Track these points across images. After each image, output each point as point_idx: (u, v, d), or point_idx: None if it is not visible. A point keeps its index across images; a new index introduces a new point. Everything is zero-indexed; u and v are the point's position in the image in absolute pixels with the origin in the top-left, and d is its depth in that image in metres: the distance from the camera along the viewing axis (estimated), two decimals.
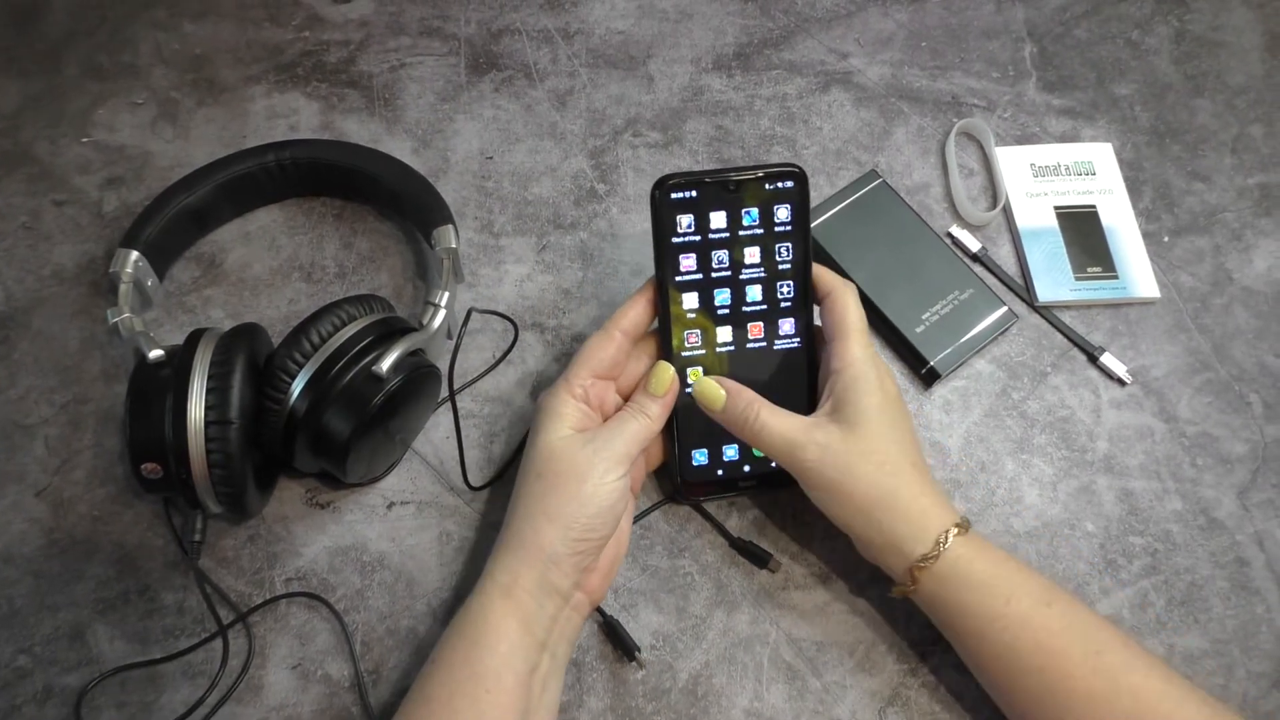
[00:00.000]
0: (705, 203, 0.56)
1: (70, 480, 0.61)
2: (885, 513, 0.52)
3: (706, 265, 0.56)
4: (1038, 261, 0.70)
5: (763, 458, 0.58)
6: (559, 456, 0.52)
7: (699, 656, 0.57)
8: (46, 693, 0.55)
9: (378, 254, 0.69)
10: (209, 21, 0.80)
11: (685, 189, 0.55)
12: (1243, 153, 0.77)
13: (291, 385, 0.54)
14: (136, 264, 0.62)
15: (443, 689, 0.48)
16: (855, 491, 0.52)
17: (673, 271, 0.56)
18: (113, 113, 0.75)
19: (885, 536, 0.52)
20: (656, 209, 0.55)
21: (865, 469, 0.52)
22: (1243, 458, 0.64)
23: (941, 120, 0.77)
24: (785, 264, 0.57)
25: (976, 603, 0.51)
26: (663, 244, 0.56)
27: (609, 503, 0.51)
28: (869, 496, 0.52)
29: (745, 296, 0.57)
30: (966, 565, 0.51)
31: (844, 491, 0.52)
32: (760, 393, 0.55)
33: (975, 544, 0.52)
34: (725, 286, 0.57)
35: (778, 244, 0.57)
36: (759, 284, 0.57)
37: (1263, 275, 0.71)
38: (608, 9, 0.82)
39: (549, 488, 0.51)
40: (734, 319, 0.57)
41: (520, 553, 0.50)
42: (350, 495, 0.61)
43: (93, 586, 0.58)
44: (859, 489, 0.52)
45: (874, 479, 0.52)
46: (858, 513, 0.52)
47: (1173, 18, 0.84)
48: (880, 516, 0.52)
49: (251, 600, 0.58)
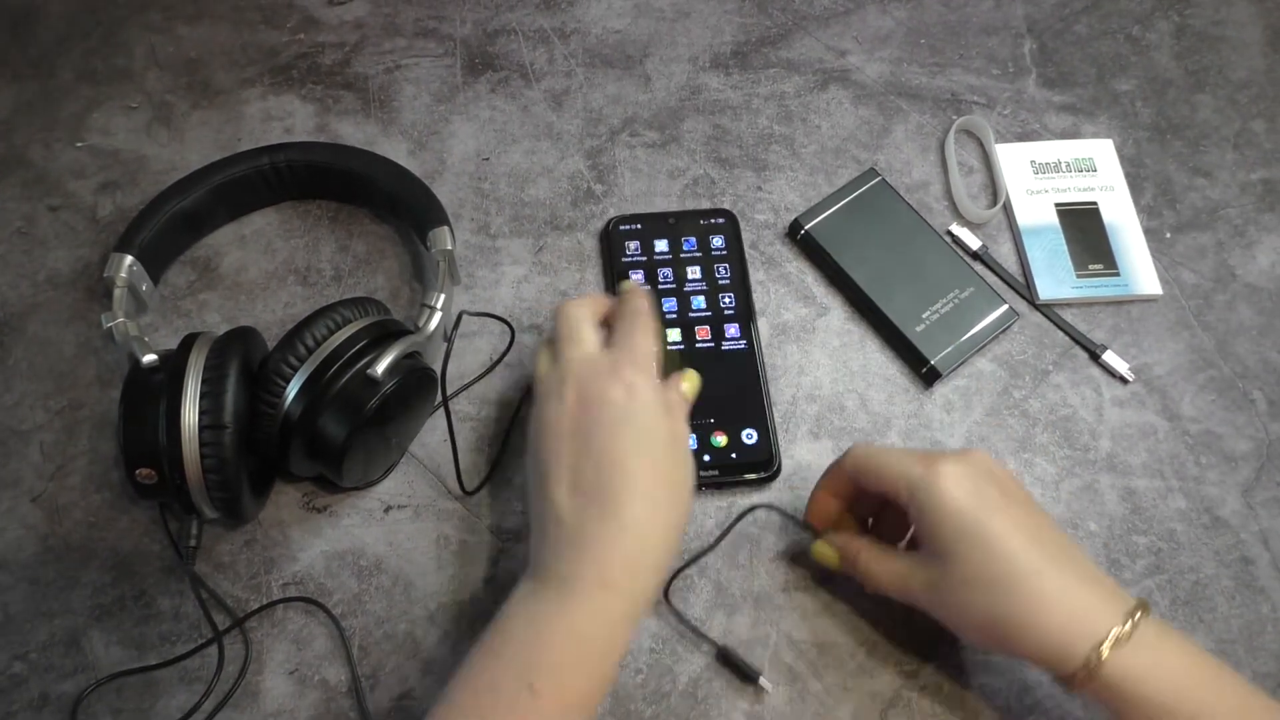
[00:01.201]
0: (649, 233, 0.68)
1: (65, 486, 0.60)
2: (1015, 636, 0.46)
3: (653, 279, 0.67)
4: (1039, 259, 0.70)
5: (723, 448, 0.60)
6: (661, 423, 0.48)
7: (699, 659, 0.56)
8: (43, 700, 0.54)
9: (374, 256, 0.69)
10: (203, 24, 0.79)
11: (631, 223, 0.69)
12: (1245, 148, 0.76)
13: (286, 389, 0.54)
14: (131, 268, 0.61)
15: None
16: (976, 621, 0.48)
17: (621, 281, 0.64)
18: (107, 117, 0.74)
19: (1031, 656, 0.46)
20: (607, 241, 0.68)
21: (973, 597, 0.47)
22: (1247, 455, 0.64)
23: (941, 118, 0.77)
24: (725, 280, 0.67)
25: (1169, 699, 0.44)
26: (614, 265, 0.67)
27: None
28: (990, 623, 0.47)
29: (691, 305, 0.66)
30: (1136, 684, 0.44)
31: (966, 622, 0.48)
32: (714, 390, 0.58)
33: (1150, 648, 0.44)
34: (671, 296, 0.66)
35: (716, 264, 0.68)
36: (702, 295, 0.66)
37: (1266, 271, 0.71)
38: (604, 8, 0.82)
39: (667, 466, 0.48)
40: (682, 323, 0.65)
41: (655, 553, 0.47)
42: (347, 499, 0.61)
43: (88, 592, 0.57)
44: (977, 618, 0.47)
45: (987, 605, 0.46)
46: (993, 640, 0.48)
47: (1173, 13, 0.83)
48: (1013, 641, 0.46)
49: (248, 605, 0.57)
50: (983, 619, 0.47)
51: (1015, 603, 0.46)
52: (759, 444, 0.60)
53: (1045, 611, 0.45)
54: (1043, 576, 0.46)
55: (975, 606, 0.47)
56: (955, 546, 0.47)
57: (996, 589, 0.46)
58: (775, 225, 0.71)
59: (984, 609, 0.47)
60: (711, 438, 0.61)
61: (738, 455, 0.60)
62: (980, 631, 0.48)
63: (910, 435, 0.64)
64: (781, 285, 0.69)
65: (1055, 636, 0.45)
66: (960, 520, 0.47)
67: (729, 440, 0.61)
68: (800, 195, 0.73)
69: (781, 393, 0.65)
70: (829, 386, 0.65)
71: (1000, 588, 0.46)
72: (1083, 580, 0.46)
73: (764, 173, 0.74)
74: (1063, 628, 0.45)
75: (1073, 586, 0.46)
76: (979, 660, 0.57)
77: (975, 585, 0.47)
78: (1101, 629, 0.44)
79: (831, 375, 0.66)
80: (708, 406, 0.60)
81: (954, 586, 0.47)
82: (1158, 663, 0.44)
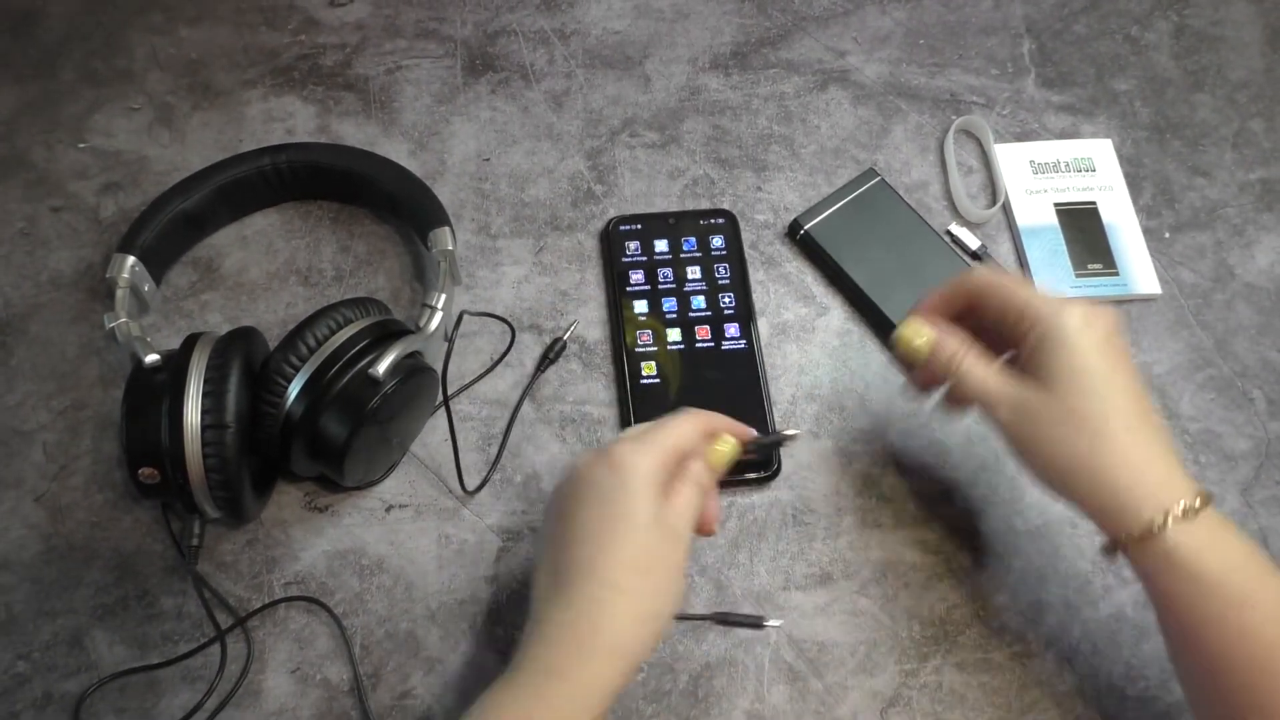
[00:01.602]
0: (649, 233, 0.69)
1: (68, 486, 0.61)
2: (1088, 482, 0.46)
3: (653, 279, 0.67)
4: (1038, 259, 0.70)
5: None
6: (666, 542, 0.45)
7: (699, 658, 0.57)
8: (46, 699, 0.54)
9: (375, 257, 0.69)
10: (204, 26, 0.80)
11: (631, 223, 0.69)
12: (1244, 148, 0.76)
13: (288, 389, 0.54)
14: (133, 269, 0.62)
15: None
16: (1055, 457, 0.47)
17: (623, 283, 0.67)
18: (109, 118, 0.75)
19: (1093, 509, 0.47)
20: (607, 241, 0.69)
21: (1062, 433, 0.47)
22: (1246, 454, 0.64)
23: (940, 118, 0.77)
24: (724, 279, 0.68)
25: (1198, 600, 0.44)
26: (614, 265, 0.68)
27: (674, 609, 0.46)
28: (1069, 463, 0.47)
29: (691, 304, 0.66)
30: (1193, 555, 0.44)
31: (1043, 456, 0.48)
32: (713, 386, 0.61)
33: (1210, 531, 0.45)
34: (671, 296, 0.67)
35: (716, 264, 0.68)
36: (702, 295, 0.67)
37: (1265, 271, 0.71)
38: (604, 9, 0.82)
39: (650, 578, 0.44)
40: (682, 323, 0.66)
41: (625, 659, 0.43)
42: (348, 499, 0.61)
43: (91, 592, 0.58)
44: (1057, 454, 0.47)
45: (1073, 444, 0.46)
46: (1061, 481, 0.48)
47: (1172, 13, 0.83)
48: (1083, 486, 0.47)
49: (250, 604, 0.57)
50: (1065, 457, 0.47)
51: (1102, 450, 0.46)
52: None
53: (1127, 467, 0.46)
54: (1134, 434, 0.46)
55: (1063, 443, 0.47)
56: (1069, 378, 0.47)
57: (1089, 431, 0.46)
58: (775, 225, 0.72)
59: (1070, 447, 0.47)
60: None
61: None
62: (1055, 471, 0.48)
63: (911, 435, 0.64)
64: (781, 285, 0.69)
65: (1128, 494, 0.45)
66: (1084, 357, 0.47)
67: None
68: (800, 195, 0.73)
69: (781, 392, 0.65)
70: (829, 386, 0.66)
71: (1093, 431, 0.46)
72: (1166, 452, 0.47)
73: (764, 173, 0.74)
74: (1137, 486, 0.45)
75: (1157, 455, 0.46)
76: (979, 659, 0.57)
77: (1070, 421, 0.47)
78: (1172, 498, 0.45)
79: (831, 375, 0.66)
80: (708, 406, 0.60)
81: (1050, 417, 0.47)
82: (1213, 544, 0.44)
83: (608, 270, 0.69)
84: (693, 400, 0.55)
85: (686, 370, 0.64)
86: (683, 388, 0.64)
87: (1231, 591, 0.44)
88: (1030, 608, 0.59)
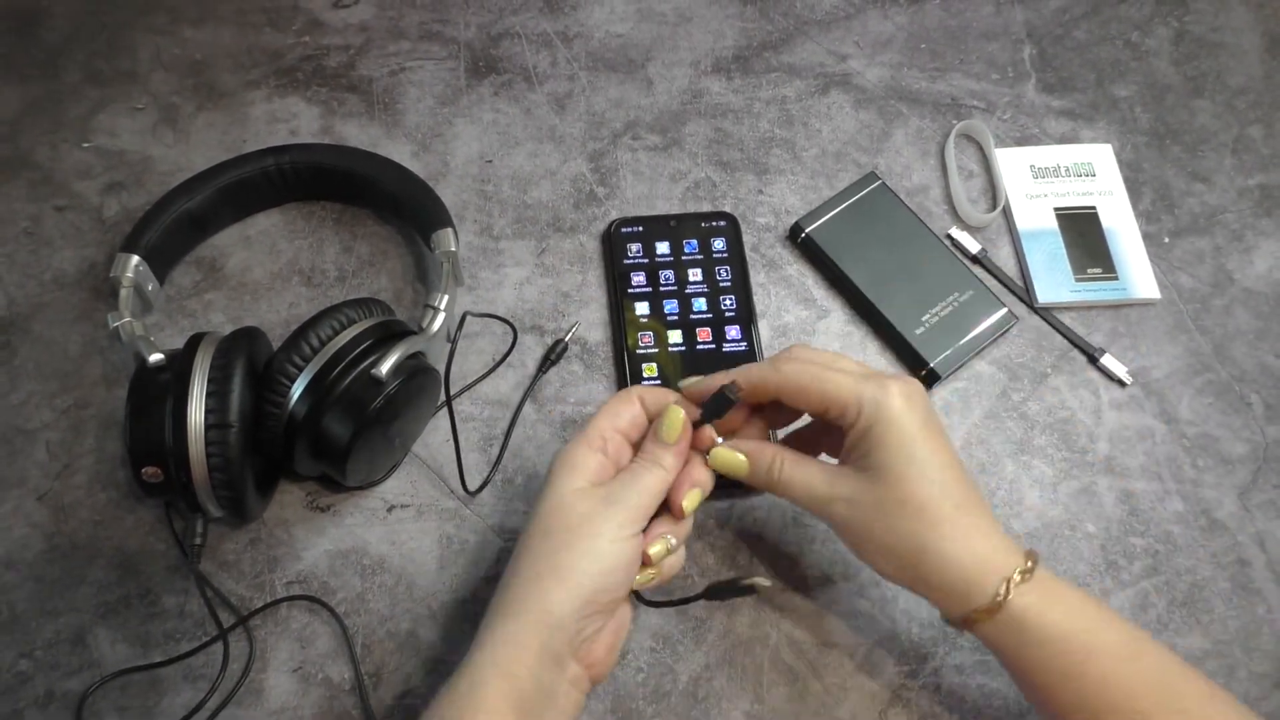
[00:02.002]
0: (650, 235, 0.69)
1: (71, 485, 0.61)
2: (930, 566, 0.47)
3: (655, 281, 0.67)
4: (1038, 263, 0.70)
5: None
6: (571, 510, 0.47)
7: (699, 659, 0.57)
8: (48, 697, 0.55)
9: (377, 258, 0.70)
10: (208, 27, 0.80)
11: (633, 225, 0.69)
12: (1243, 153, 0.77)
13: (291, 388, 0.54)
14: (137, 268, 0.62)
15: None
16: (894, 547, 0.47)
17: (625, 285, 0.67)
18: (113, 118, 0.75)
19: (936, 591, 0.47)
20: (609, 243, 0.69)
21: (898, 521, 0.47)
22: (1244, 458, 0.64)
23: (941, 122, 0.77)
24: (726, 282, 0.68)
25: (1048, 659, 0.46)
26: (615, 266, 0.68)
27: (624, 560, 0.47)
28: (909, 550, 0.47)
29: (692, 307, 0.67)
30: (1036, 618, 0.45)
31: (883, 546, 0.48)
32: None
33: (1045, 590, 0.46)
34: (673, 298, 0.67)
35: (717, 267, 0.68)
36: (704, 297, 0.67)
37: (1263, 276, 0.71)
38: (607, 12, 0.82)
39: (560, 544, 0.46)
40: (683, 325, 0.66)
41: (522, 618, 0.45)
42: (350, 499, 0.61)
43: (94, 591, 0.58)
44: (896, 544, 0.47)
45: (910, 530, 0.47)
46: (901, 568, 0.48)
47: (1172, 19, 0.84)
48: (926, 570, 0.47)
49: (252, 604, 0.58)
50: (905, 546, 0.47)
51: (940, 534, 0.46)
52: None
53: (966, 546, 0.46)
54: (963, 511, 0.47)
55: (900, 532, 0.47)
56: (901, 467, 0.47)
57: (925, 519, 0.46)
58: (776, 228, 0.72)
59: (908, 536, 0.47)
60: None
61: None
62: (896, 558, 0.48)
63: None
64: (782, 288, 0.70)
65: (970, 571, 0.46)
66: (910, 443, 0.47)
67: None
68: (801, 198, 0.73)
69: None
70: None
71: (930, 518, 0.46)
72: (991, 522, 0.48)
73: (765, 176, 0.74)
74: (976, 562, 0.46)
75: (986, 527, 0.47)
76: (978, 660, 0.57)
77: (906, 510, 0.47)
78: (1009, 566, 0.46)
79: None
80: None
81: (885, 509, 0.47)
82: (1052, 601, 0.46)
83: (609, 271, 0.69)
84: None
85: (688, 372, 0.64)
86: None
87: (1076, 644, 0.45)
88: None
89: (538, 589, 0.46)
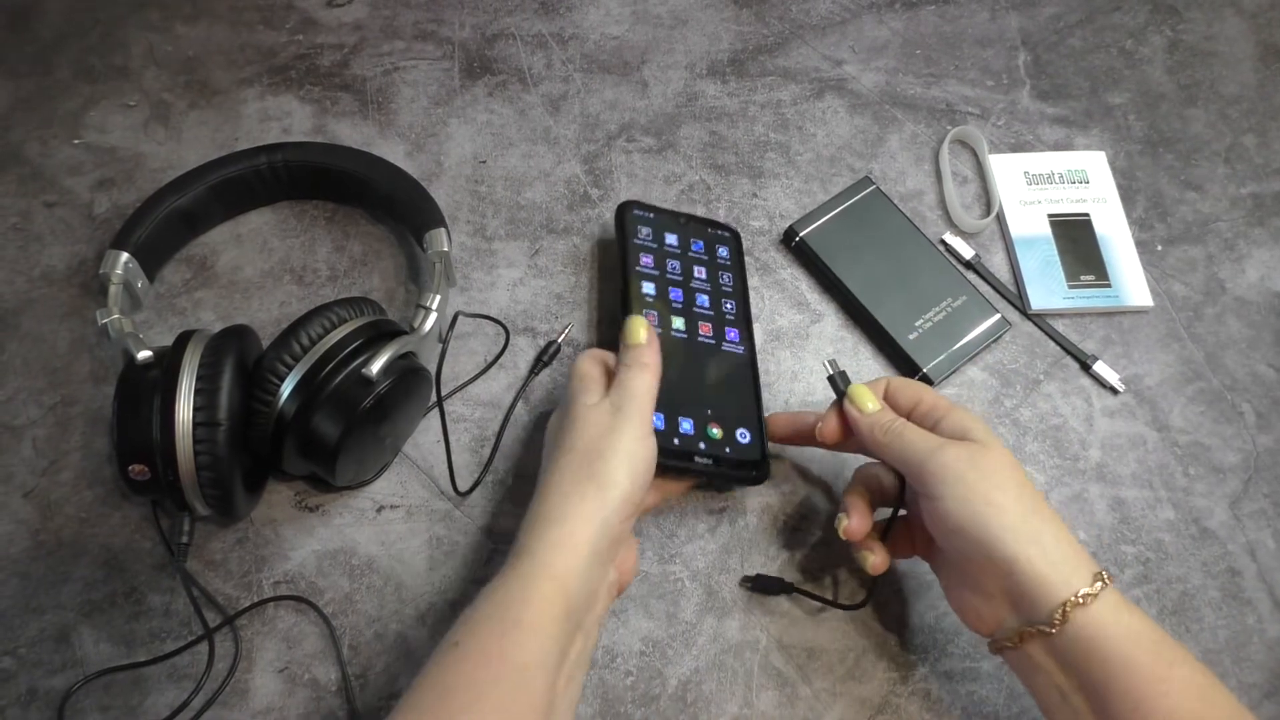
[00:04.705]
0: (660, 225, 0.67)
1: (57, 482, 0.60)
2: (1032, 534, 0.47)
3: (662, 266, 0.65)
4: (1031, 269, 0.70)
5: (718, 440, 0.58)
6: (591, 424, 0.50)
7: (689, 663, 0.57)
8: (31, 695, 0.54)
9: (370, 257, 0.69)
10: (202, 24, 0.80)
11: (645, 210, 0.67)
12: (1236, 162, 0.77)
13: (281, 387, 0.54)
14: (127, 265, 0.61)
15: (468, 681, 0.43)
16: (1000, 502, 0.47)
17: (634, 262, 0.64)
18: (104, 114, 0.75)
19: (1025, 569, 0.46)
20: (621, 220, 0.66)
21: (1007, 482, 0.48)
22: (1235, 467, 0.64)
23: (935, 127, 0.77)
24: (727, 287, 0.66)
25: (1137, 656, 0.45)
26: (626, 242, 0.65)
27: (647, 459, 0.50)
28: (1014, 511, 0.47)
29: (695, 300, 0.65)
30: (1128, 615, 0.46)
31: (985, 501, 0.47)
32: (712, 382, 0.60)
33: (1120, 608, 0.46)
34: (678, 287, 0.65)
35: (720, 271, 0.67)
36: (706, 294, 0.65)
37: (1255, 285, 0.71)
38: (602, 14, 0.82)
39: (593, 455, 0.49)
40: (686, 314, 0.64)
41: (569, 523, 0.47)
42: (339, 499, 0.61)
43: (79, 589, 0.57)
44: (1004, 500, 0.47)
45: (1018, 494, 0.48)
46: (1003, 528, 0.47)
47: (1166, 28, 0.84)
48: (1028, 536, 0.47)
49: (239, 603, 0.57)
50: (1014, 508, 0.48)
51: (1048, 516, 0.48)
52: (751, 444, 0.60)
53: (1060, 533, 0.48)
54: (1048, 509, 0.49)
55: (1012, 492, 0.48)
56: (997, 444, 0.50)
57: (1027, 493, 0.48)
58: (770, 232, 0.72)
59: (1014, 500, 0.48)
60: (708, 428, 0.59)
61: (731, 451, 0.58)
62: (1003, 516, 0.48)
63: None
64: (776, 291, 0.70)
65: (1071, 554, 0.47)
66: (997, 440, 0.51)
67: (724, 434, 0.59)
68: (795, 202, 0.73)
69: (774, 398, 0.65)
70: (821, 393, 0.66)
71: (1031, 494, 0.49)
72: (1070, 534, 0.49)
73: (759, 180, 0.74)
74: (1068, 558, 0.47)
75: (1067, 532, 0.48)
76: (967, 667, 0.57)
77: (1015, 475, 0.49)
78: (1091, 573, 0.46)
79: (824, 382, 0.66)
80: (705, 398, 0.59)
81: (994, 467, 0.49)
82: (1130, 621, 0.46)
83: (621, 248, 0.65)
84: (687, 388, 0.58)
85: (688, 358, 0.61)
86: (683, 376, 0.60)
87: (1164, 648, 0.45)
88: None
89: (579, 496, 0.48)
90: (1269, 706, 0.57)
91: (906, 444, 0.51)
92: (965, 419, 0.52)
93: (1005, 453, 0.50)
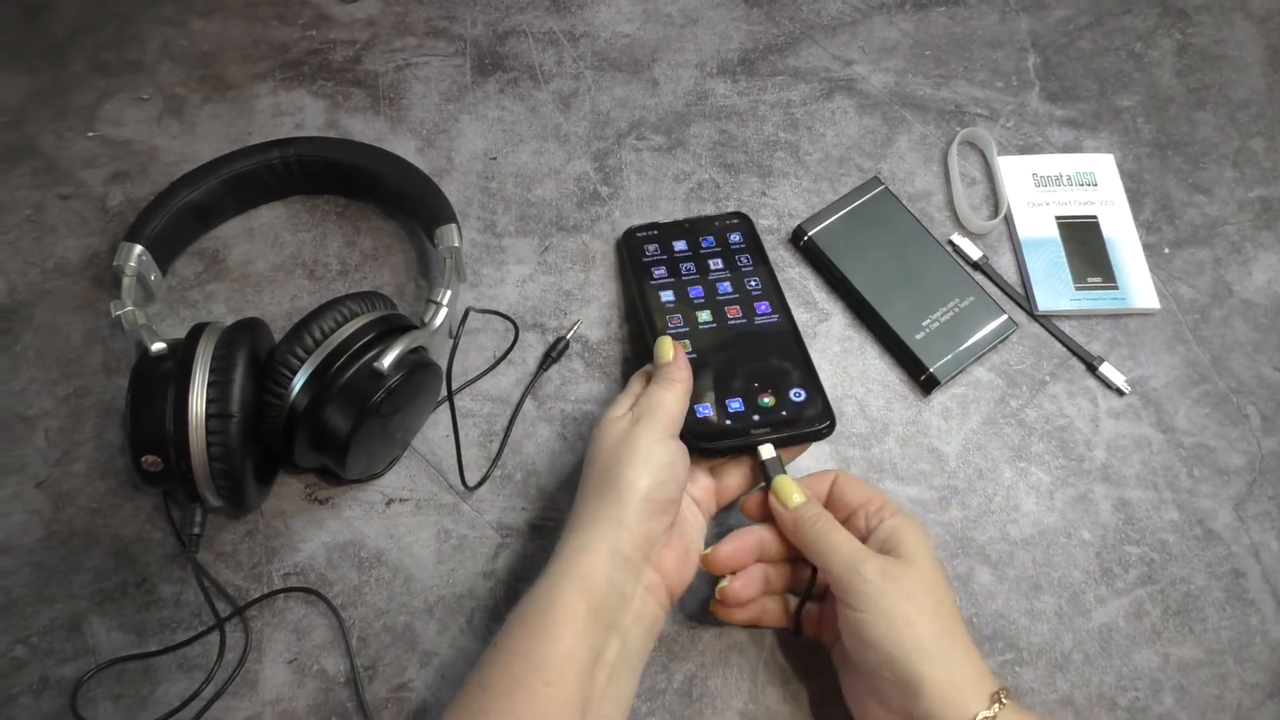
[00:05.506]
0: (666, 236, 0.68)
1: (70, 472, 0.61)
2: (941, 655, 0.47)
3: (676, 271, 0.66)
4: (1038, 270, 0.71)
5: (771, 407, 0.58)
6: (611, 435, 0.53)
7: (694, 658, 0.57)
8: (43, 683, 0.55)
9: (381, 252, 0.70)
10: (216, 19, 0.80)
11: (648, 230, 0.68)
12: (1244, 166, 0.77)
13: (293, 380, 0.54)
14: (140, 258, 0.62)
15: (502, 677, 0.46)
16: (916, 622, 0.47)
17: (647, 279, 0.65)
18: (119, 108, 0.75)
19: (936, 684, 0.46)
20: (627, 249, 0.68)
21: (925, 602, 0.48)
22: (1240, 469, 0.65)
23: (944, 129, 0.77)
24: (747, 267, 0.66)
25: None
26: (636, 266, 0.66)
27: (665, 460, 0.51)
28: (928, 631, 0.47)
29: (717, 290, 0.65)
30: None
31: (903, 620, 0.48)
32: (754, 357, 0.60)
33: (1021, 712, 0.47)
34: (697, 284, 0.65)
35: (736, 255, 0.67)
36: (727, 280, 0.65)
37: (1262, 288, 0.72)
38: (614, 12, 0.82)
39: (611, 462, 0.51)
40: (710, 305, 0.64)
41: (590, 528, 0.50)
42: (349, 491, 0.61)
43: (91, 578, 0.58)
44: (919, 621, 0.48)
45: (934, 614, 0.48)
46: (915, 648, 0.47)
47: (1175, 31, 0.84)
48: (937, 657, 0.47)
49: (249, 594, 0.58)
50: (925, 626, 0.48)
51: (957, 630, 0.49)
52: (809, 400, 0.59)
53: (970, 651, 0.48)
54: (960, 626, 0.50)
55: (925, 612, 0.48)
56: (926, 558, 0.50)
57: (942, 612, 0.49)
58: (779, 231, 0.72)
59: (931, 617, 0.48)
60: (759, 399, 0.58)
61: (788, 413, 0.58)
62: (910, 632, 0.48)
63: (907, 442, 0.64)
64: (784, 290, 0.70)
65: (974, 678, 0.47)
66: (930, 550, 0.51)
67: (776, 401, 0.58)
68: (804, 202, 0.73)
69: None
70: (829, 391, 0.66)
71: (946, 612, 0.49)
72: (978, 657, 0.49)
73: (768, 179, 0.74)
74: (979, 675, 0.47)
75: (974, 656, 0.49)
76: None
77: (932, 593, 0.49)
78: (994, 683, 0.47)
79: (831, 380, 0.66)
80: (750, 374, 0.59)
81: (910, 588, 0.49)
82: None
83: (628, 274, 0.67)
84: (728, 372, 0.59)
85: (722, 344, 0.61)
86: (721, 362, 0.60)
87: None
88: (1023, 616, 0.59)
89: (599, 501, 0.51)
90: (1271, 707, 0.57)
91: (830, 547, 0.51)
92: (902, 528, 0.51)
93: (932, 568, 0.50)
